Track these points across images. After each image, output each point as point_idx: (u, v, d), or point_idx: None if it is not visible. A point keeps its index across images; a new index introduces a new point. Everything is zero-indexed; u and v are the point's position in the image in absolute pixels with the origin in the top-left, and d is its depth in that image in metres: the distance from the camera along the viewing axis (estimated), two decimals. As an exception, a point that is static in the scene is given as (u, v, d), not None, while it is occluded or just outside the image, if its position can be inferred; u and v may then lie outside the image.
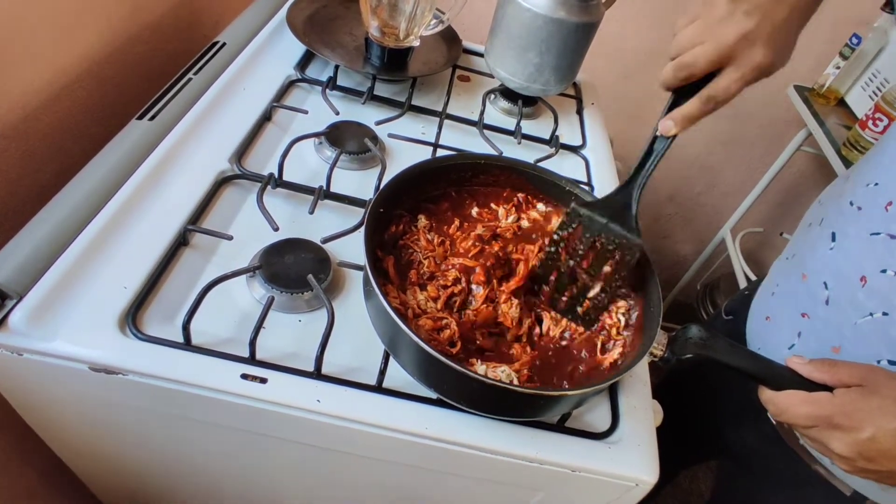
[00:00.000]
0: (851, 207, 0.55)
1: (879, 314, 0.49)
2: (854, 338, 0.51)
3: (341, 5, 0.92)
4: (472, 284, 0.54)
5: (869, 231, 0.52)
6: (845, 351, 0.52)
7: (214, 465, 0.63)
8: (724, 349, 0.49)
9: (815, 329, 0.56)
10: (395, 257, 0.55)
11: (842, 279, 0.53)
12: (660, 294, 0.53)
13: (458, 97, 0.88)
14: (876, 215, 0.51)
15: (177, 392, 0.48)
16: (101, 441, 0.60)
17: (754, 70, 0.47)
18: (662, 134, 0.52)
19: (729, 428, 0.72)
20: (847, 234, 0.55)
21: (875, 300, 0.50)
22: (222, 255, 0.58)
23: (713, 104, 0.49)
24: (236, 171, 0.65)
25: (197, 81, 0.73)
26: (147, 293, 0.52)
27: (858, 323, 0.51)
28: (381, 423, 0.49)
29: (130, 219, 0.56)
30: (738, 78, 0.47)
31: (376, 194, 0.54)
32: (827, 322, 0.54)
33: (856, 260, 0.52)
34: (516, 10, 0.77)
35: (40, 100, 0.64)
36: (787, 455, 0.63)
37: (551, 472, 0.51)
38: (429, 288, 0.53)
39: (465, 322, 0.52)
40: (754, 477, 0.70)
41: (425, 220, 0.59)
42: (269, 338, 0.52)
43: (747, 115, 1.44)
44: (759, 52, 0.46)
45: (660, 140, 0.53)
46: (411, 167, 0.57)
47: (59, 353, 0.47)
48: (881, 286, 0.49)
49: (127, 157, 0.61)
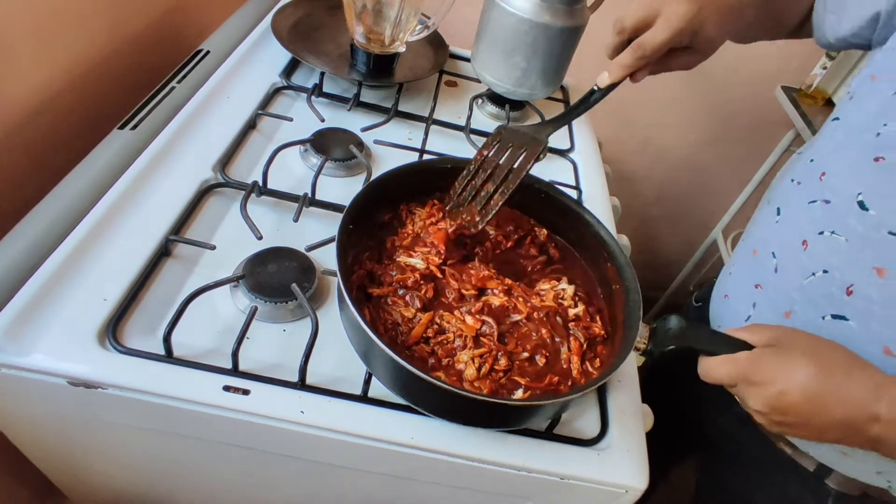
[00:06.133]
0: (792, 183, 0.60)
1: (820, 273, 0.53)
2: (801, 300, 0.55)
3: (326, 12, 0.92)
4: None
5: (807, 200, 0.56)
6: (795, 315, 0.55)
7: (198, 478, 0.62)
8: (705, 337, 0.49)
9: (767, 297, 0.60)
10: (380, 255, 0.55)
11: (787, 247, 0.57)
12: (637, 285, 0.53)
13: (444, 102, 0.88)
14: (813, 186, 0.56)
15: (158, 405, 0.47)
16: (82, 456, 0.59)
17: (680, 18, 0.54)
18: (598, 85, 0.59)
19: (707, 415, 0.72)
20: (790, 206, 0.59)
21: (816, 261, 0.53)
22: (205, 265, 0.57)
23: (642, 51, 0.55)
24: (220, 179, 0.64)
25: (180, 90, 0.72)
26: (128, 305, 0.51)
27: (804, 284, 0.54)
28: (367, 434, 0.48)
29: (111, 229, 0.56)
30: (665, 25, 0.54)
31: (344, 212, 0.52)
32: (777, 289, 0.58)
33: (797, 227, 0.57)
34: (501, 14, 0.77)
35: (22, 114, 0.63)
36: (754, 435, 0.64)
37: (540, 480, 0.50)
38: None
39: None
40: (729, 461, 0.71)
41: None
42: (253, 348, 0.51)
43: (735, 116, 1.45)
44: (683, 4, 0.54)
45: (596, 93, 0.59)
46: (378, 177, 0.57)
47: (37, 367, 0.46)
48: (820, 248, 0.53)
49: (108, 167, 0.60)
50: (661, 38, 0.54)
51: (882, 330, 0.49)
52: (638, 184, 1.64)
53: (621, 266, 0.56)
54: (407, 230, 0.59)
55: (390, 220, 0.59)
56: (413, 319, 0.51)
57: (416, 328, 0.50)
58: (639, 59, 0.56)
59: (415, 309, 0.52)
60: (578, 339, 0.53)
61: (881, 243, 0.48)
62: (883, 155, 0.48)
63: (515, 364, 0.50)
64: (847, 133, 0.54)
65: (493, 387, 0.49)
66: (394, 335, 0.50)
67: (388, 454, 0.49)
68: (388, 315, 0.51)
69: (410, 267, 0.54)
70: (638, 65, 0.56)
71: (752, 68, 1.35)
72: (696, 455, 0.81)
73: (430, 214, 0.60)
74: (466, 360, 0.49)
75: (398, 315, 0.51)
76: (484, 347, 0.50)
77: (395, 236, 0.58)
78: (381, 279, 0.54)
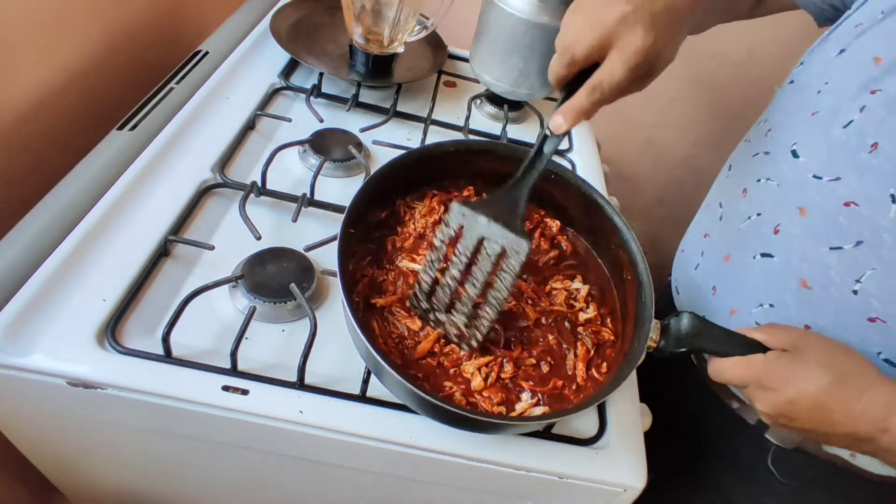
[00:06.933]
0: (745, 143, 0.66)
1: (755, 216, 0.58)
2: (738, 242, 0.60)
3: (325, 13, 0.92)
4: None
5: (752, 153, 0.62)
6: (733, 257, 0.61)
7: (197, 478, 0.62)
8: (719, 337, 0.48)
9: (711, 245, 0.65)
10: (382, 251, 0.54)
11: (731, 196, 0.64)
12: (650, 278, 0.52)
13: (443, 103, 0.88)
14: (759, 142, 0.62)
15: (157, 405, 0.47)
16: (81, 456, 0.59)
17: (637, 53, 0.45)
18: (553, 132, 0.49)
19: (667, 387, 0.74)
20: (737, 162, 0.66)
21: (752, 205, 0.59)
22: (204, 265, 0.57)
23: (599, 93, 0.47)
24: (219, 179, 0.64)
25: (179, 91, 0.72)
26: (127, 305, 0.51)
27: (741, 228, 0.60)
28: (366, 434, 0.48)
29: (110, 230, 0.56)
30: (622, 62, 0.46)
31: (345, 214, 0.50)
32: (720, 235, 0.64)
33: (741, 177, 0.63)
34: (499, 15, 0.77)
35: (21, 112, 0.63)
36: (706, 397, 0.67)
37: (538, 479, 0.50)
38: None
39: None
40: (686, 429, 0.73)
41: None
42: (252, 349, 0.51)
43: (734, 117, 1.45)
44: (639, 35, 0.45)
45: (550, 140, 0.50)
46: (374, 174, 0.54)
47: (37, 367, 0.46)
48: (756, 194, 0.59)
49: (107, 167, 0.60)
50: (618, 79, 0.46)
51: (801, 264, 0.53)
52: (640, 185, 1.64)
53: (634, 257, 0.54)
54: (408, 229, 0.57)
55: (387, 219, 0.58)
56: (420, 333, 0.51)
57: (423, 343, 0.50)
58: (597, 103, 0.48)
59: (421, 322, 0.51)
60: (586, 345, 0.53)
61: (805, 186, 0.53)
62: (818, 110, 0.54)
63: (520, 370, 0.50)
64: (793, 93, 0.60)
65: (503, 395, 0.48)
66: (402, 348, 0.50)
67: (387, 454, 0.49)
68: (395, 328, 0.51)
69: (413, 272, 0.54)
70: (596, 108, 0.49)
71: (751, 69, 1.35)
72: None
73: (430, 209, 0.59)
74: (472, 371, 0.49)
75: (404, 328, 0.51)
76: (490, 356, 0.50)
77: (396, 236, 0.57)
78: (384, 287, 0.53)
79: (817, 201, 0.52)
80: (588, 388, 0.50)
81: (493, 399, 0.48)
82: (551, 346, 0.52)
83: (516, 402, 0.49)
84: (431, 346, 0.50)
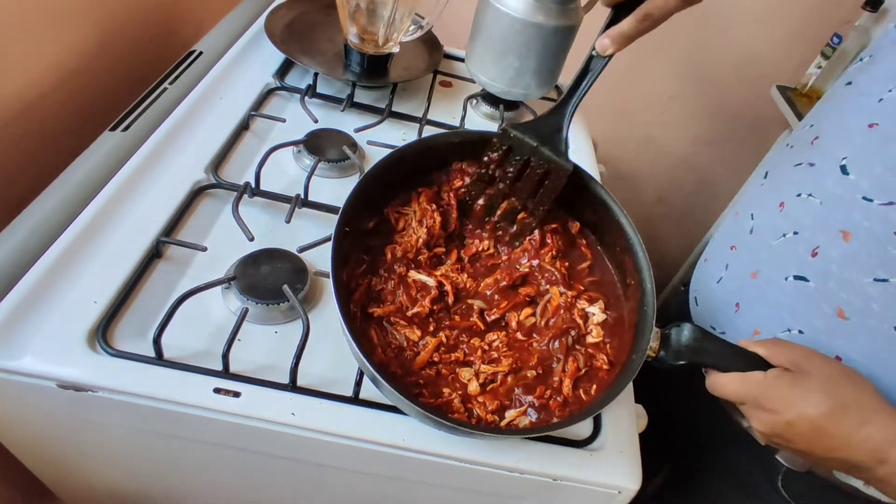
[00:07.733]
0: (787, 148, 0.60)
1: (791, 234, 0.54)
2: (769, 259, 0.56)
3: (321, 12, 0.92)
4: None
5: (794, 163, 0.56)
6: (761, 274, 0.56)
7: (189, 479, 0.61)
8: (719, 351, 0.47)
9: (738, 258, 0.61)
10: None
11: (765, 208, 0.58)
12: (652, 286, 0.50)
13: (439, 102, 0.88)
14: (803, 150, 0.56)
15: (148, 408, 0.47)
16: (73, 458, 0.59)
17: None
18: (598, 53, 0.51)
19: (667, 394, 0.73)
20: (776, 170, 0.60)
21: (789, 222, 0.54)
22: (197, 267, 0.57)
23: (649, 21, 0.48)
24: (212, 180, 0.64)
25: (173, 91, 0.72)
26: (118, 307, 0.51)
27: (774, 245, 0.55)
28: (358, 436, 0.48)
29: (102, 232, 0.55)
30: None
31: (339, 215, 0.49)
32: (749, 249, 0.59)
33: (778, 189, 0.57)
34: (494, 14, 0.76)
35: (11, 111, 0.63)
36: (711, 410, 0.64)
37: (532, 481, 0.50)
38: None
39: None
40: (685, 435, 0.72)
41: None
42: (244, 350, 0.51)
43: (732, 116, 1.45)
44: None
45: (596, 59, 0.52)
46: (367, 173, 0.52)
47: (27, 370, 0.46)
48: (795, 209, 0.54)
49: (99, 168, 0.60)
50: (671, 6, 0.47)
51: (839, 293, 0.49)
52: (639, 183, 1.64)
53: (639, 262, 0.52)
54: (410, 240, 0.54)
55: (377, 227, 0.55)
56: (419, 343, 0.50)
57: (422, 354, 0.49)
58: (644, 31, 0.49)
59: (420, 331, 0.50)
60: (577, 363, 0.51)
61: (852, 207, 0.49)
62: (878, 121, 0.48)
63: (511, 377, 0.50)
64: (850, 96, 0.53)
65: (498, 402, 0.48)
66: (401, 360, 0.49)
67: (380, 455, 0.49)
68: (393, 338, 0.50)
69: (420, 284, 0.52)
70: (642, 34, 0.50)
71: (749, 68, 1.35)
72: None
73: (423, 212, 0.55)
74: (469, 378, 0.49)
75: (403, 338, 0.50)
76: (489, 366, 0.50)
77: (396, 245, 0.54)
78: (382, 295, 0.51)
79: (864, 226, 0.47)
80: (573, 406, 0.49)
81: (488, 406, 0.48)
82: (542, 358, 0.51)
83: (508, 409, 0.48)
84: (430, 355, 0.49)
